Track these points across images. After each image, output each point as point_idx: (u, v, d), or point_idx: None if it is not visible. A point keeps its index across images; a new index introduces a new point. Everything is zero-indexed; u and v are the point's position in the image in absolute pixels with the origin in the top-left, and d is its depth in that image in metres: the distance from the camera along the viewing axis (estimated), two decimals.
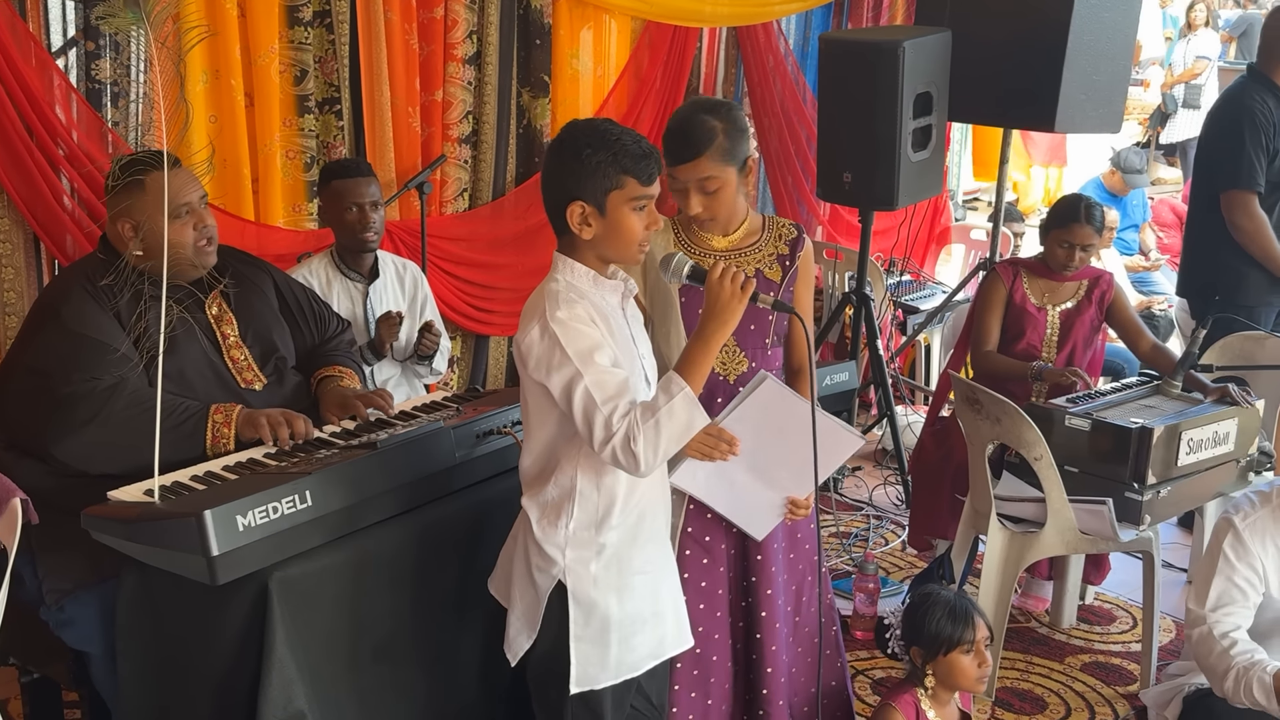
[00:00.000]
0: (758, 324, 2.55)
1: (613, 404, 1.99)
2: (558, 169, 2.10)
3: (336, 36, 3.89)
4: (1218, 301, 4.08)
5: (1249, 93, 4.21)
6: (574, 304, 2.06)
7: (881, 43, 4.32)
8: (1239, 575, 2.79)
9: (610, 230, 2.09)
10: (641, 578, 2.19)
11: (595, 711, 2.18)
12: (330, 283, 3.48)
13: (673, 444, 2.02)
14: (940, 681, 2.54)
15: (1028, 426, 3.19)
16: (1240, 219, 4.08)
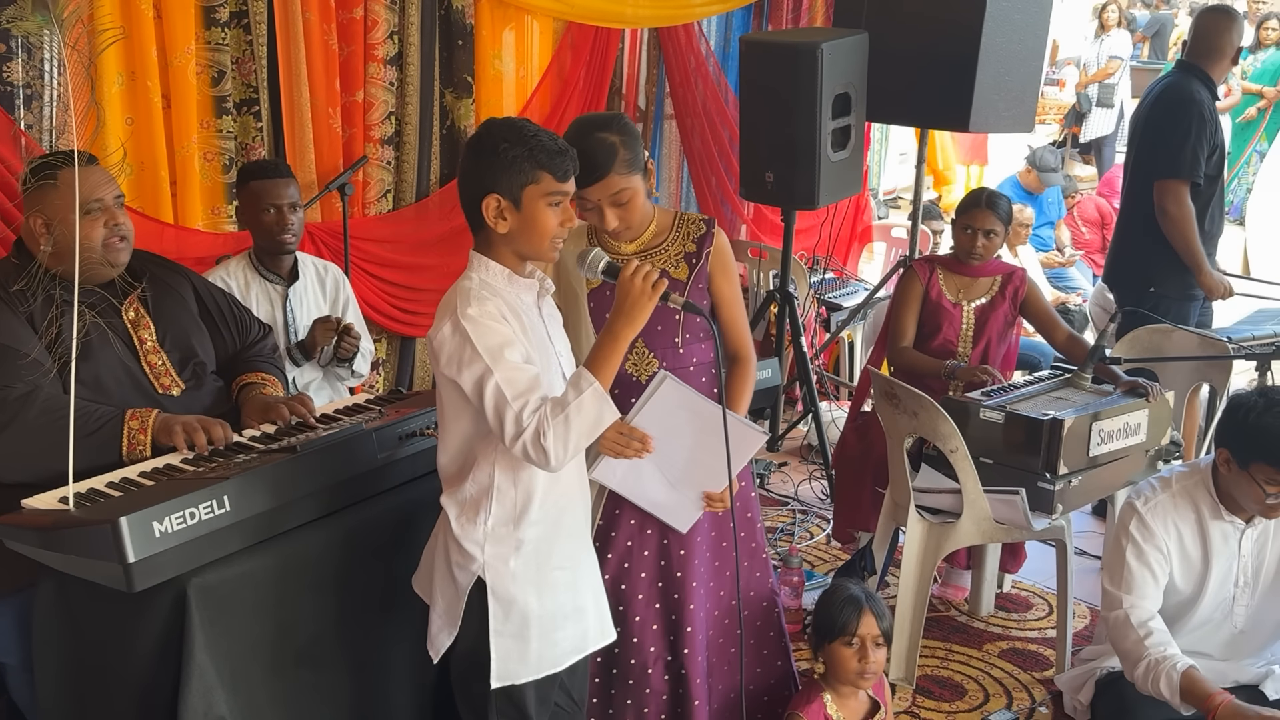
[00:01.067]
0: (665, 324, 2.59)
1: (523, 400, 2.02)
2: (475, 164, 2.13)
3: (254, 37, 3.86)
4: (1153, 293, 4.19)
5: (1194, 88, 4.28)
6: (485, 301, 2.09)
7: (800, 44, 4.39)
8: (1148, 556, 2.89)
9: (525, 224, 2.12)
10: (561, 573, 2.22)
11: (519, 706, 2.21)
12: (249, 285, 3.45)
13: (583, 439, 2.05)
14: (830, 671, 2.60)
15: (943, 420, 3.27)
16: (1169, 205, 4.18)
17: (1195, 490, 2.96)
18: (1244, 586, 2.98)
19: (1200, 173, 4.18)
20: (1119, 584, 2.89)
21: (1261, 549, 2.98)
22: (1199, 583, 2.96)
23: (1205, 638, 3.00)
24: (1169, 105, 4.32)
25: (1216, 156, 4.25)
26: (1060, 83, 10.89)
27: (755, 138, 4.63)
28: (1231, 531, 2.94)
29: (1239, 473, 2.78)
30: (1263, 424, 2.70)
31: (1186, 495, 2.95)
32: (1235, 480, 2.81)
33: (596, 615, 2.32)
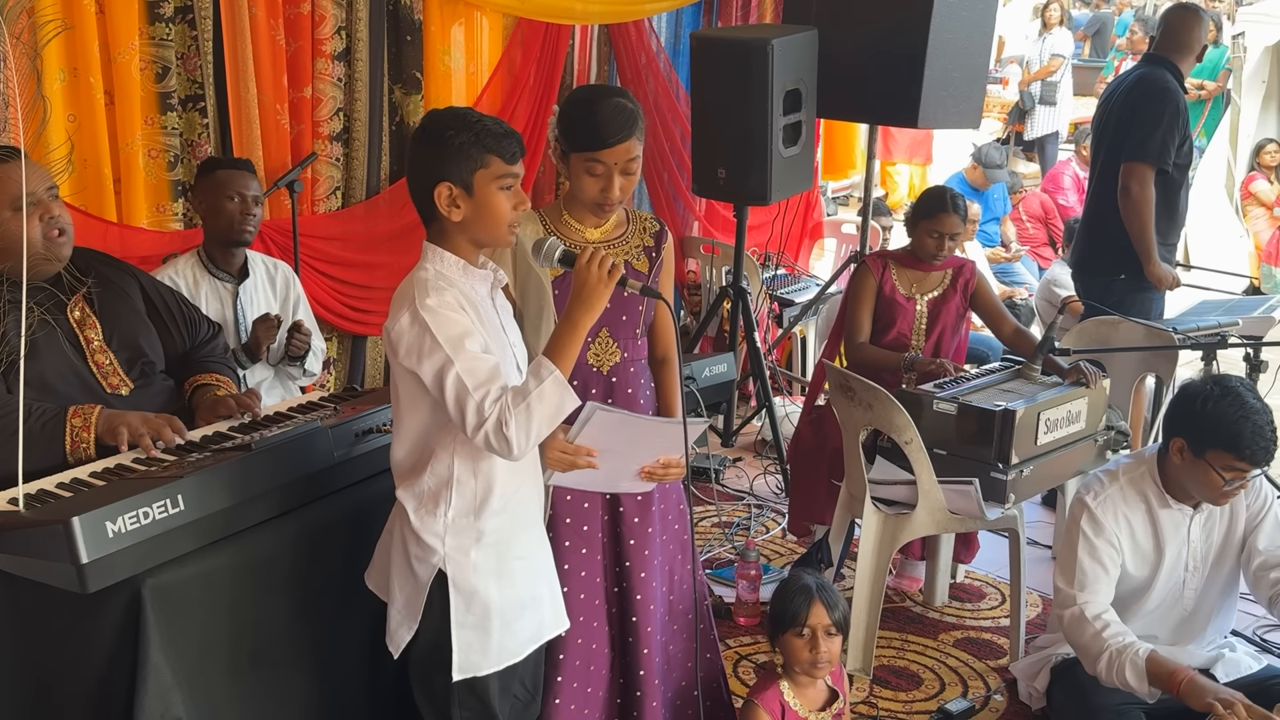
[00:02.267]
0: (629, 314, 2.59)
1: (484, 389, 2.01)
2: (424, 154, 2.13)
3: (199, 33, 3.80)
4: (1123, 280, 4.26)
5: (1165, 79, 4.34)
6: (443, 291, 2.08)
7: (751, 41, 4.41)
8: (1099, 553, 2.94)
9: (479, 210, 2.12)
10: (520, 563, 2.22)
11: (481, 698, 2.20)
12: (198, 283, 3.40)
13: (544, 426, 2.05)
14: (786, 662, 2.61)
15: (898, 411, 3.30)
16: (1133, 185, 4.23)
17: (1142, 480, 3.01)
18: (1193, 571, 3.05)
19: (1169, 160, 4.25)
20: (1071, 580, 2.93)
21: (1209, 533, 3.05)
22: (1151, 571, 3.01)
23: (1156, 622, 3.06)
24: (1146, 92, 4.36)
25: (1186, 148, 4.33)
26: (1004, 81, 11.03)
27: (707, 134, 4.65)
28: (1181, 519, 3.00)
29: (1194, 461, 2.82)
30: (1219, 411, 2.75)
31: (1134, 486, 3.01)
32: (1189, 469, 2.86)
33: (552, 604, 2.32)
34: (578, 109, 2.46)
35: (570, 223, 2.55)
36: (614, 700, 2.67)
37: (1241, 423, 2.74)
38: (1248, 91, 8.86)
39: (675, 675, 2.73)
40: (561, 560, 2.52)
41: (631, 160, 2.42)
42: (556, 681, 2.55)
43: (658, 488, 2.62)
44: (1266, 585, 2.99)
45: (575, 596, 2.55)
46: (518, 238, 2.43)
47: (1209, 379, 2.91)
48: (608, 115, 2.39)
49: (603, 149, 2.38)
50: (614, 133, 2.37)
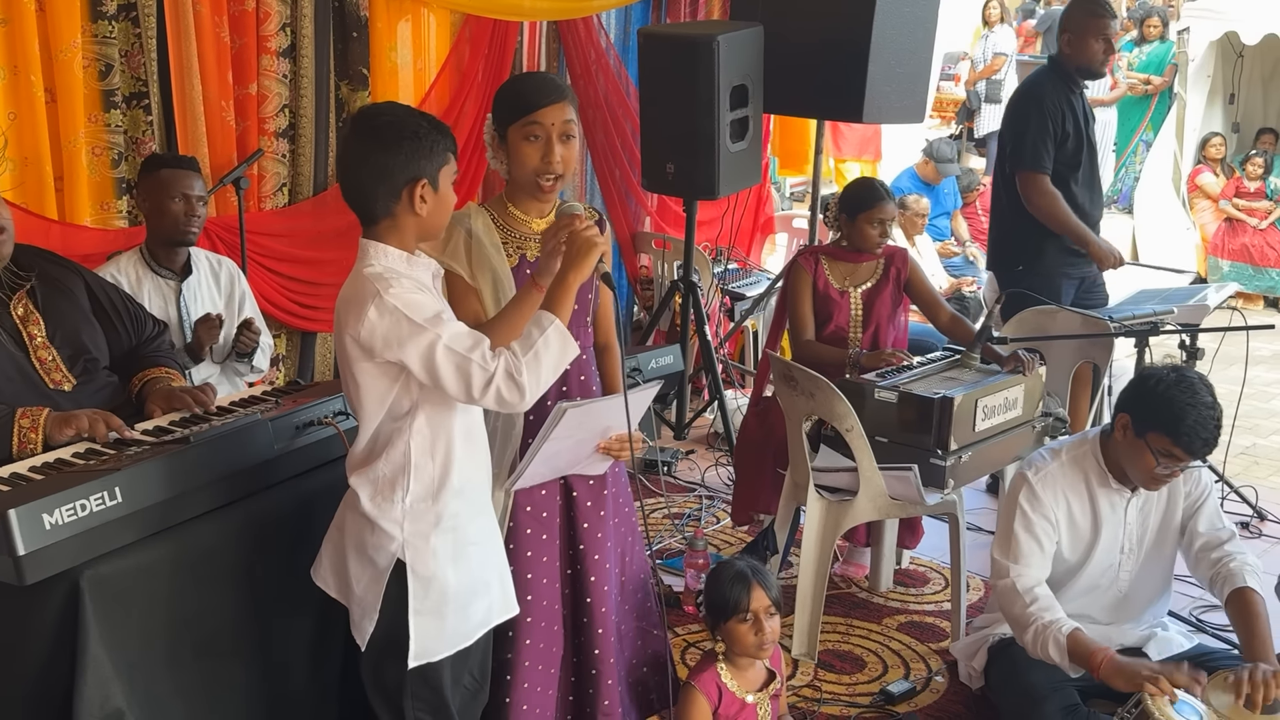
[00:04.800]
0: (580, 303, 2.62)
1: (479, 349, 2.09)
2: (393, 153, 2.13)
3: (143, 30, 3.79)
4: (1021, 272, 4.35)
5: (1041, 81, 4.50)
6: (400, 279, 2.12)
7: (697, 37, 4.46)
8: (1036, 527, 3.00)
9: (439, 204, 2.19)
10: (474, 548, 2.25)
11: (434, 687, 2.23)
12: (140, 281, 3.40)
13: (552, 373, 2.16)
14: (730, 648, 2.66)
15: (838, 400, 3.35)
16: (1034, 197, 4.36)
17: (1084, 460, 3.08)
18: (1129, 553, 3.11)
19: (1045, 163, 4.36)
20: (1007, 553, 3.00)
21: (1145, 517, 3.12)
22: (1087, 549, 3.08)
23: (1092, 602, 3.13)
24: (1014, 100, 4.61)
25: (1072, 144, 4.40)
26: (956, 78, 11.16)
27: (655, 129, 4.70)
28: (1118, 500, 3.07)
29: (1134, 440, 2.88)
30: (1170, 396, 2.81)
31: (1076, 465, 3.07)
32: (1129, 447, 2.91)
33: (501, 588, 2.35)
34: (508, 86, 2.54)
35: (516, 214, 2.57)
36: (569, 679, 2.70)
37: (1187, 410, 2.79)
38: (1193, 86, 9.02)
39: (627, 653, 2.77)
40: (522, 546, 2.56)
41: (568, 123, 2.45)
42: (517, 664, 2.58)
43: (608, 472, 2.66)
44: (1207, 566, 3.06)
45: (536, 581, 2.58)
46: (474, 230, 2.48)
47: (1171, 367, 2.96)
48: (537, 81, 2.51)
49: (537, 110, 2.41)
50: (545, 94, 2.42)
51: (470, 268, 2.49)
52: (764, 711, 2.71)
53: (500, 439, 2.54)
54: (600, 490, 2.67)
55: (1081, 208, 4.41)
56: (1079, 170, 4.42)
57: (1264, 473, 5.68)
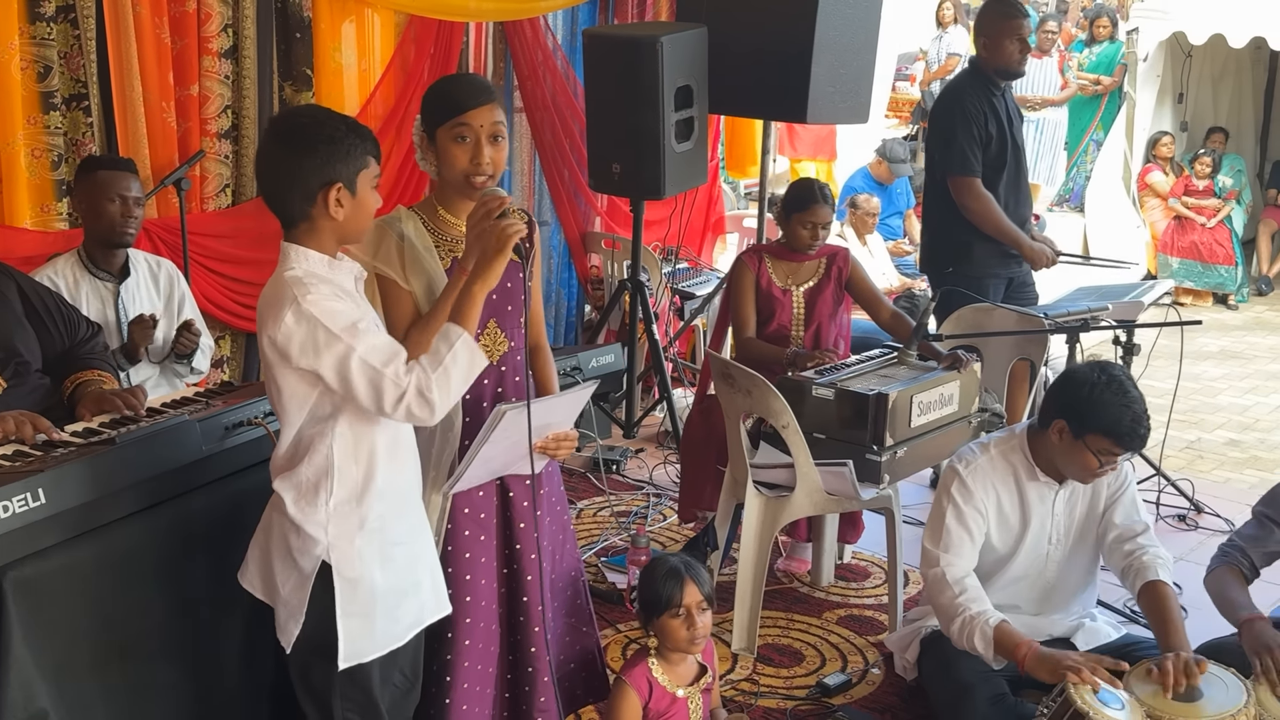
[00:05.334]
0: (513, 304, 2.64)
1: (393, 364, 2.10)
2: (307, 156, 2.13)
3: (82, 31, 3.79)
4: (950, 273, 4.43)
5: (962, 84, 4.60)
6: (320, 285, 2.12)
7: (641, 38, 4.50)
8: (967, 519, 3.06)
9: (358, 208, 2.19)
10: (401, 549, 2.26)
11: (363, 687, 2.24)
12: (78, 283, 3.39)
13: (461, 386, 2.18)
14: (662, 643, 2.69)
15: (774, 397, 3.40)
16: (968, 201, 4.44)
17: (1012, 454, 3.14)
18: (1056, 544, 3.17)
19: (975, 166, 4.43)
20: (937, 543, 3.05)
21: (1072, 509, 3.19)
22: (1016, 541, 3.14)
23: (1020, 592, 3.18)
24: (937, 106, 4.70)
25: (996, 146, 4.48)
26: (912, 78, 11.23)
27: (601, 130, 4.73)
28: (1047, 493, 3.13)
29: (1073, 442, 2.95)
30: (1103, 399, 2.87)
31: (1004, 458, 3.13)
32: (1067, 449, 2.97)
33: (433, 588, 2.37)
34: (436, 87, 2.54)
35: (446, 217, 2.58)
36: (505, 677, 2.72)
37: (1123, 411, 2.87)
38: (1143, 86, 9.14)
39: (555, 650, 2.80)
40: (460, 547, 2.58)
41: (497, 124, 2.46)
42: (456, 665, 2.59)
43: (544, 472, 2.69)
44: (1120, 557, 3.13)
45: (474, 582, 2.60)
46: (405, 234, 2.49)
47: (1094, 365, 3.00)
48: (465, 83, 2.51)
49: (465, 111, 2.43)
50: (474, 96, 2.44)
51: (404, 271, 2.50)
52: (695, 705, 2.74)
53: (438, 441, 2.56)
54: (537, 490, 2.70)
55: (1008, 207, 4.48)
56: (1005, 170, 4.49)
57: (1207, 466, 5.78)
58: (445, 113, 2.45)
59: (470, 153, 2.46)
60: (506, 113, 5.21)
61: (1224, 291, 8.91)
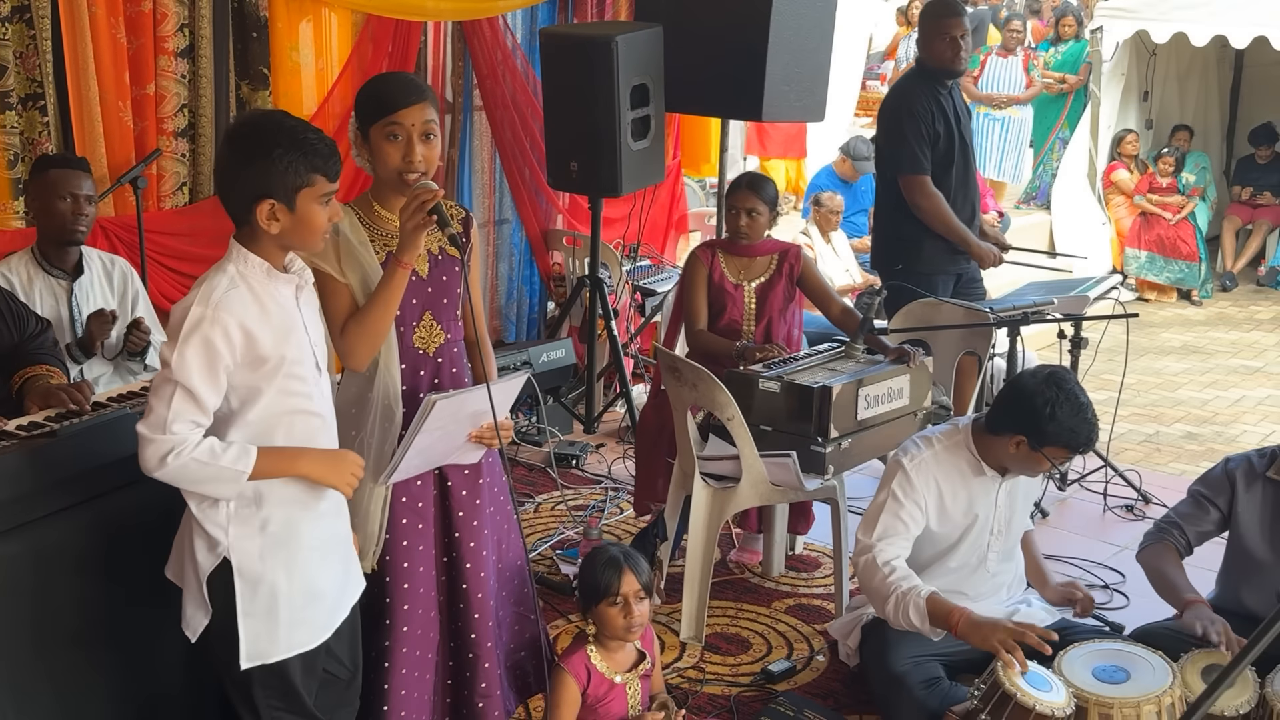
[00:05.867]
0: (449, 297, 2.70)
1: (181, 421, 2.09)
2: (244, 164, 2.16)
3: (38, 32, 3.82)
4: (900, 270, 4.50)
5: (908, 84, 4.68)
6: (233, 302, 2.13)
7: (596, 37, 4.55)
8: (904, 511, 3.12)
9: (298, 225, 2.19)
10: (310, 553, 2.29)
11: (283, 678, 2.28)
12: (31, 280, 3.43)
13: (190, 486, 2.16)
14: (600, 630, 2.75)
15: (719, 390, 3.46)
16: (919, 199, 4.51)
17: (957, 449, 3.20)
18: (997, 534, 3.24)
19: (923, 164, 4.51)
20: (870, 533, 3.11)
21: (1012, 499, 3.26)
22: (959, 532, 3.20)
23: (962, 580, 3.25)
24: (884, 107, 4.77)
25: (944, 144, 4.55)
26: (883, 77, 11.33)
27: (559, 128, 4.78)
28: (991, 485, 3.20)
29: (1030, 453, 3.04)
30: (1061, 417, 2.96)
31: (950, 453, 3.20)
32: (1024, 458, 3.07)
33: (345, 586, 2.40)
34: (368, 87, 2.59)
35: (381, 213, 2.64)
36: (447, 663, 2.77)
37: (1080, 424, 2.99)
38: (1108, 84, 9.25)
39: (505, 638, 2.85)
40: (398, 536, 2.63)
41: (429, 123, 2.51)
42: (395, 651, 2.64)
43: (483, 461, 2.74)
44: None
45: (412, 570, 2.65)
46: (340, 229, 2.54)
47: (1046, 379, 3.05)
48: (398, 82, 2.56)
49: (397, 110, 2.48)
50: (405, 95, 2.49)
51: (340, 265, 2.55)
52: (633, 691, 2.80)
53: (378, 434, 2.61)
54: (475, 479, 2.75)
55: (957, 204, 4.55)
56: (953, 168, 4.56)
57: (1164, 459, 5.88)
58: (377, 112, 2.50)
59: (403, 150, 2.51)
60: (465, 112, 5.29)
61: (1187, 287, 9.02)
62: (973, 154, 4.73)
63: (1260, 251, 9.49)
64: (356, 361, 2.55)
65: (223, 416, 2.18)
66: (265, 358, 2.17)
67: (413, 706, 2.66)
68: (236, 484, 2.15)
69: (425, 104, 2.51)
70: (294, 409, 2.24)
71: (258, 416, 2.20)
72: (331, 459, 2.28)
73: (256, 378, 2.18)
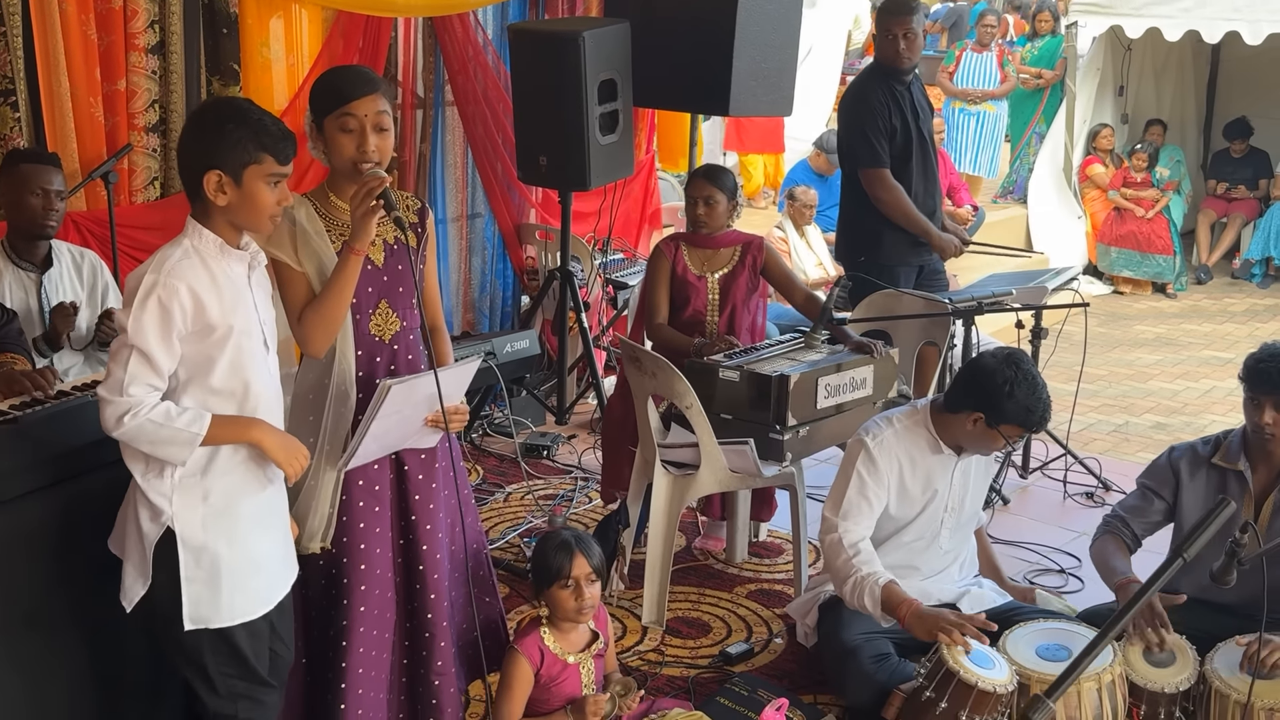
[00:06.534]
0: (405, 285, 2.75)
1: (138, 384, 2.19)
2: (197, 138, 2.28)
3: (8, 29, 3.87)
4: (863, 262, 4.57)
5: (864, 80, 4.77)
6: (184, 271, 2.23)
7: (563, 33, 4.62)
8: (868, 489, 3.21)
9: (244, 201, 2.28)
10: (251, 524, 2.37)
11: (231, 644, 2.36)
12: (1, 273, 3.48)
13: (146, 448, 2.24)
14: (552, 613, 2.82)
15: (677, 378, 3.53)
16: (879, 192, 4.58)
17: (916, 428, 3.29)
18: (951, 511, 3.33)
19: (882, 158, 4.59)
20: (836, 511, 3.20)
21: (966, 478, 3.35)
22: (916, 509, 3.30)
23: (916, 554, 3.34)
24: (842, 102, 4.87)
25: (900, 138, 4.63)
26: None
27: (528, 123, 4.85)
28: (948, 464, 3.29)
29: (987, 430, 3.14)
30: (1017, 395, 3.07)
31: (909, 432, 3.29)
32: (980, 435, 3.16)
33: (283, 565, 2.48)
34: (322, 79, 2.66)
35: (337, 203, 2.69)
36: (403, 643, 2.84)
37: (1035, 403, 3.10)
38: (1083, 79, 9.32)
39: (459, 619, 2.92)
40: (355, 519, 2.69)
41: (381, 114, 2.58)
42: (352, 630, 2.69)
43: (439, 446, 2.80)
44: None
45: (369, 552, 2.71)
46: (297, 219, 2.61)
47: (1004, 360, 3.15)
48: (351, 75, 2.62)
49: (350, 102, 2.55)
50: (358, 87, 2.56)
51: (296, 254, 2.62)
52: (587, 670, 2.87)
53: (332, 417, 2.67)
54: (431, 464, 2.81)
55: (917, 197, 4.63)
56: (911, 162, 4.63)
57: (1132, 449, 5.95)
58: (331, 103, 2.57)
59: (356, 141, 2.58)
60: (437, 107, 5.35)
61: (1162, 281, 9.10)
62: (933, 149, 4.80)
63: (1235, 244, 9.58)
64: (315, 348, 2.62)
65: (172, 389, 2.25)
66: (214, 325, 2.26)
67: (371, 684, 2.72)
68: (190, 446, 2.23)
69: (378, 95, 2.58)
70: (243, 382, 2.32)
71: (206, 389, 2.28)
72: (285, 436, 2.38)
73: (206, 347, 2.27)
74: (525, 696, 2.79)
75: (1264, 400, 3.07)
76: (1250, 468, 3.17)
